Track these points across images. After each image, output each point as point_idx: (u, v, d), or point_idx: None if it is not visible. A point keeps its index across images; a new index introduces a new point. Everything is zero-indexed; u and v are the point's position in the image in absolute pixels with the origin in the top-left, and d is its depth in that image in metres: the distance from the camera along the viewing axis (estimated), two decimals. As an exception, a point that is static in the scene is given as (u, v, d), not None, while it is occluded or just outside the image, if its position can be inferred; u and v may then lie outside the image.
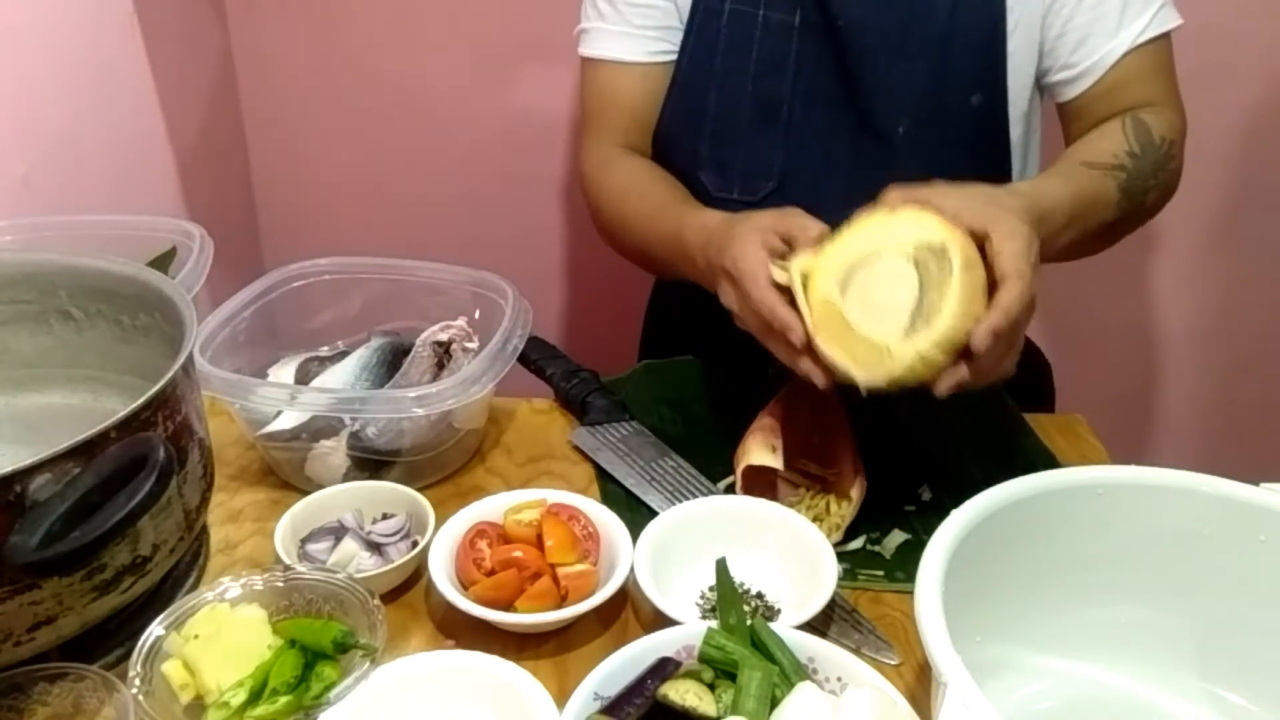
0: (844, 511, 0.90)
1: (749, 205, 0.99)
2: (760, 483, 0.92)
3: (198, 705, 0.72)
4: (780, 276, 0.84)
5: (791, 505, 0.89)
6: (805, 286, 0.83)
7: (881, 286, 0.81)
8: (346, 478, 0.96)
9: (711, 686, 0.69)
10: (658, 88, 1.14)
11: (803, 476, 0.93)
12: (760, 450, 0.92)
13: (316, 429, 0.95)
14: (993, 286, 0.80)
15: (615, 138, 1.15)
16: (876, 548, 0.91)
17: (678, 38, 1.12)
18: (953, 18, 1.06)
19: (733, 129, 1.12)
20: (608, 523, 0.87)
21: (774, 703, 0.68)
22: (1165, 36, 1.07)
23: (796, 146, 1.11)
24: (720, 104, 1.12)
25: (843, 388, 0.83)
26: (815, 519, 0.90)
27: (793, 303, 0.83)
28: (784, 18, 1.08)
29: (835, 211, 0.86)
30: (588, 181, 1.16)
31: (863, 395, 0.80)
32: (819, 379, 0.82)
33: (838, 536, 0.89)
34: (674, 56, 1.13)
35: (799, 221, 0.87)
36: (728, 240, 0.88)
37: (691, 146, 1.15)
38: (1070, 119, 1.12)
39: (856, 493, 0.90)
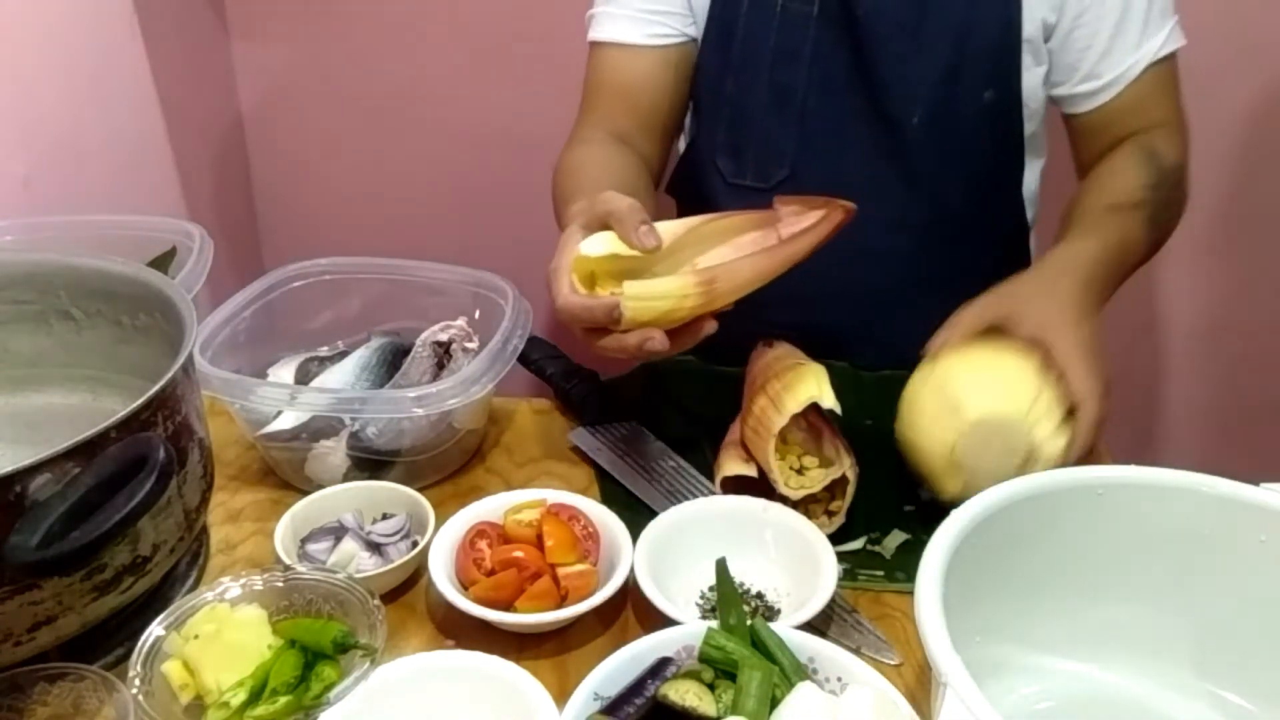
0: (842, 498, 0.90)
1: (762, 192, 1.00)
2: (750, 488, 0.92)
3: (198, 705, 0.72)
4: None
5: (792, 491, 0.89)
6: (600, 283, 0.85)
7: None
8: (346, 478, 0.96)
9: (711, 686, 0.69)
10: (655, 70, 1.15)
11: (795, 474, 0.93)
12: (733, 461, 0.92)
13: (316, 429, 0.95)
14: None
15: (602, 121, 1.15)
16: (876, 548, 0.91)
17: (681, 23, 1.14)
18: (970, 10, 1.06)
19: (749, 115, 1.14)
20: (608, 523, 0.87)
21: (774, 703, 0.68)
22: (1173, 56, 1.09)
23: (810, 134, 1.12)
24: (738, 91, 1.14)
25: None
26: (815, 504, 0.90)
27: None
28: (802, 7, 1.09)
29: (847, 199, 0.86)
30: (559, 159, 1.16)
31: None
32: (668, 343, 0.82)
33: (840, 521, 0.90)
34: (675, 40, 1.14)
35: (607, 206, 0.85)
36: (558, 248, 0.88)
37: (710, 132, 1.17)
38: (1084, 135, 1.13)
39: (852, 474, 0.90)
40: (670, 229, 0.85)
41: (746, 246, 0.87)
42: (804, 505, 0.90)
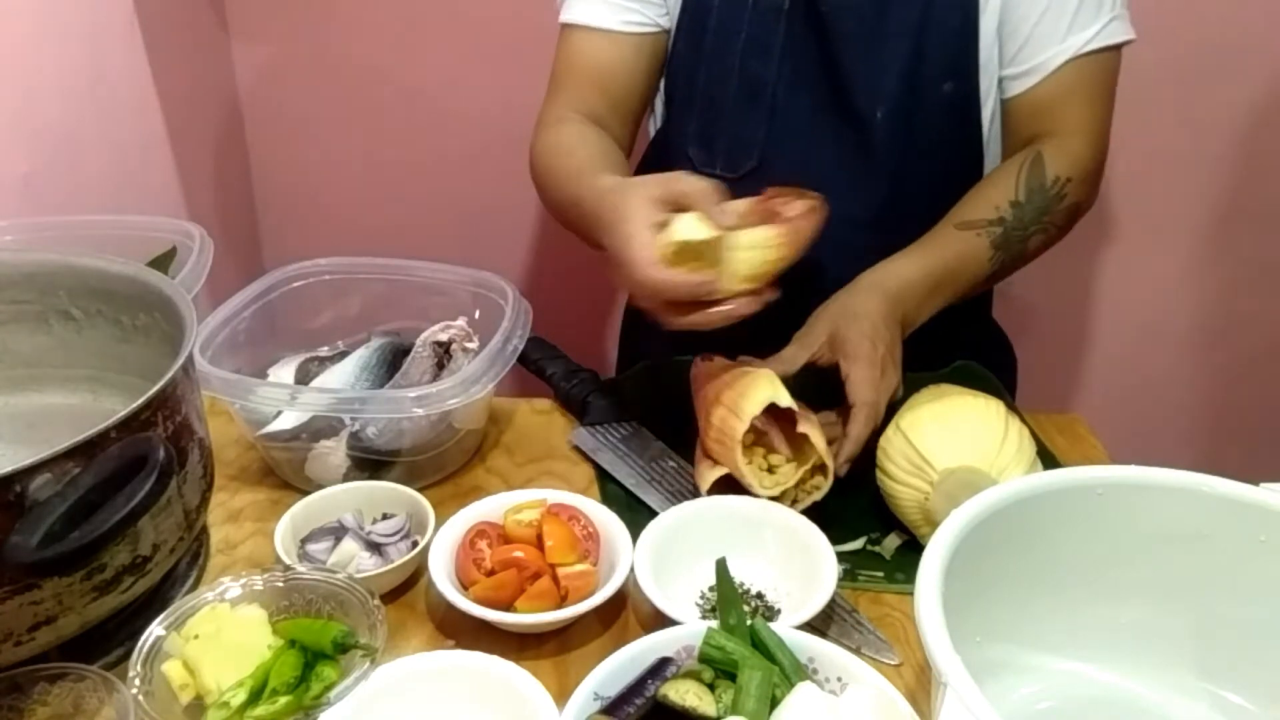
0: (820, 476, 0.91)
1: (730, 181, 1.00)
2: (737, 487, 0.92)
3: (198, 705, 0.72)
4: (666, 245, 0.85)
5: (767, 490, 0.90)
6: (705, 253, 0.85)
7: None
8: (346, 478, 0.96)
9: (711, 686, 0.69)
10: (628, 57, 1.16)
11: (767, 474, 0.93)
12: (709, 471, 0.92)
13: (316, 429, 0.95)
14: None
15: (575, 102, 1.16)
16: (876, 548, 0.91)
17: (655, 12, 1.15)
18: (929, 3, 1.07)
19: (719, 106, 1.15)
20: (608, 523, 0.87)
21: (774, 703, 0.68)
22: (1115, 51, 1.08)
23: (779, 126, 1.13)
24: (709, 82, 1.15)
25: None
26: (799, 485, 0.91)
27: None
28: (773, 1, 1.10)
29: (814, 190, 0.89)
30: (533, 138, 1.16)
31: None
32: (752, 305, 0.86)
33: (829, 483, 0.91)
34: (648, 29, 1.15)
35: (682, 185, 0.87)
36: (613, 219, 0.88)
37: (682, 121, 1.18)
38: (1005, 127, 1.14)
39: (817, 435, 0.90)
40: (733, 208, 0.89)
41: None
42: (791, 489, 0.90)
